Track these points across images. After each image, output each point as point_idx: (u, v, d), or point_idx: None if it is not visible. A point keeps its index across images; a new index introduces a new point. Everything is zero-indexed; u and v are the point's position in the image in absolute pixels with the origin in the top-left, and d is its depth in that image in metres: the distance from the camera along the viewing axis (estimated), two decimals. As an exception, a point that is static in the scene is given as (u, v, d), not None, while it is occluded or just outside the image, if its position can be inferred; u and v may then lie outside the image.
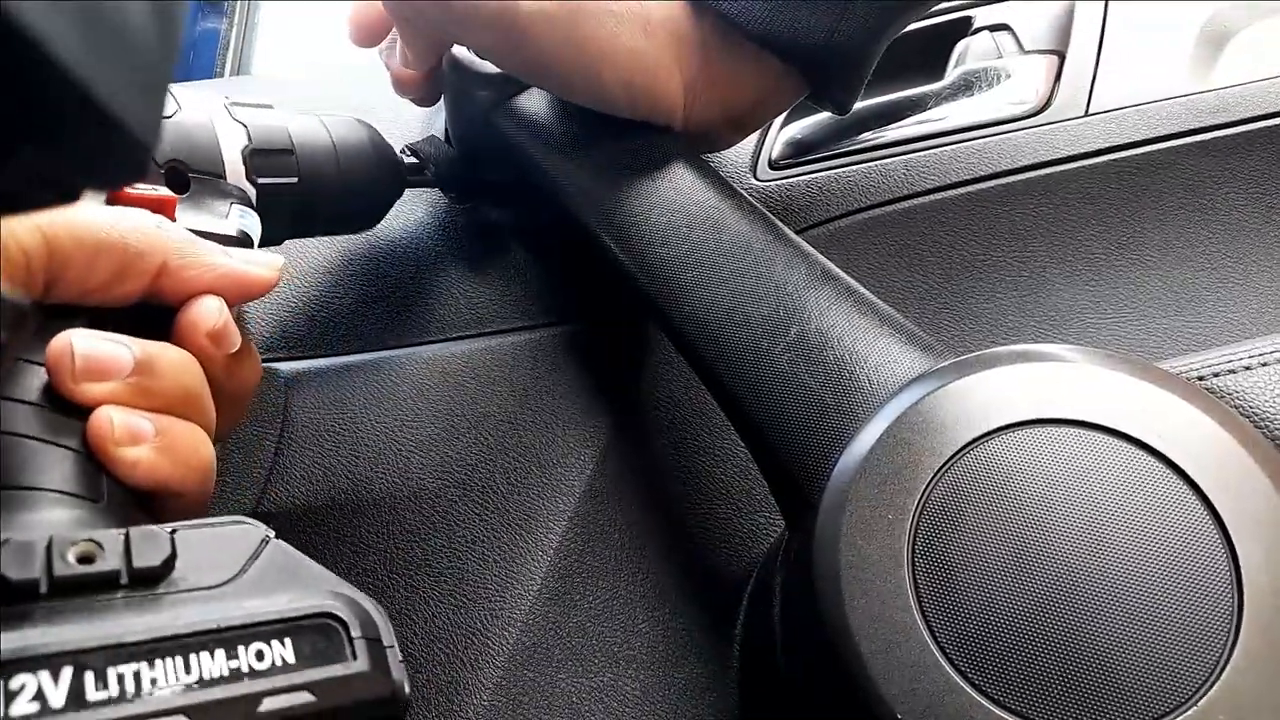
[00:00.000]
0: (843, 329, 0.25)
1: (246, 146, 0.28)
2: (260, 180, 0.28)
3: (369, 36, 0.33)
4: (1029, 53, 0.40)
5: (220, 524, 0.17)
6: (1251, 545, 0.20)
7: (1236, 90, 0.36)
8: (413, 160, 0.34)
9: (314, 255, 0.36)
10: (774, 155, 0.38)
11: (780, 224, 0.29)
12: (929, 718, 0.19)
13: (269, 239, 0.29)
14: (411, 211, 0.37)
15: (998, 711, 0.19)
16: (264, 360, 0.33)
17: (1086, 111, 0.37)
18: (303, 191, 0.29)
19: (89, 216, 0.20)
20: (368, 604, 0.16)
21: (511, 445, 0.33)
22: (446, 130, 0.36)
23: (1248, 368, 0.23)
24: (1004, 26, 0.41)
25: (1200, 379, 0.23)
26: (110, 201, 0.23)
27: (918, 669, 0.19)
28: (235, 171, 0.27)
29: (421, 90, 0.34)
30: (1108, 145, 0.36)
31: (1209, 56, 0.38)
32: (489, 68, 0.32)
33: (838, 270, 0.27)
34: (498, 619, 0.30)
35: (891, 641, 0.20)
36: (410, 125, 0.40)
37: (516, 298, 0.35)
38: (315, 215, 0.31)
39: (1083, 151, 0.36)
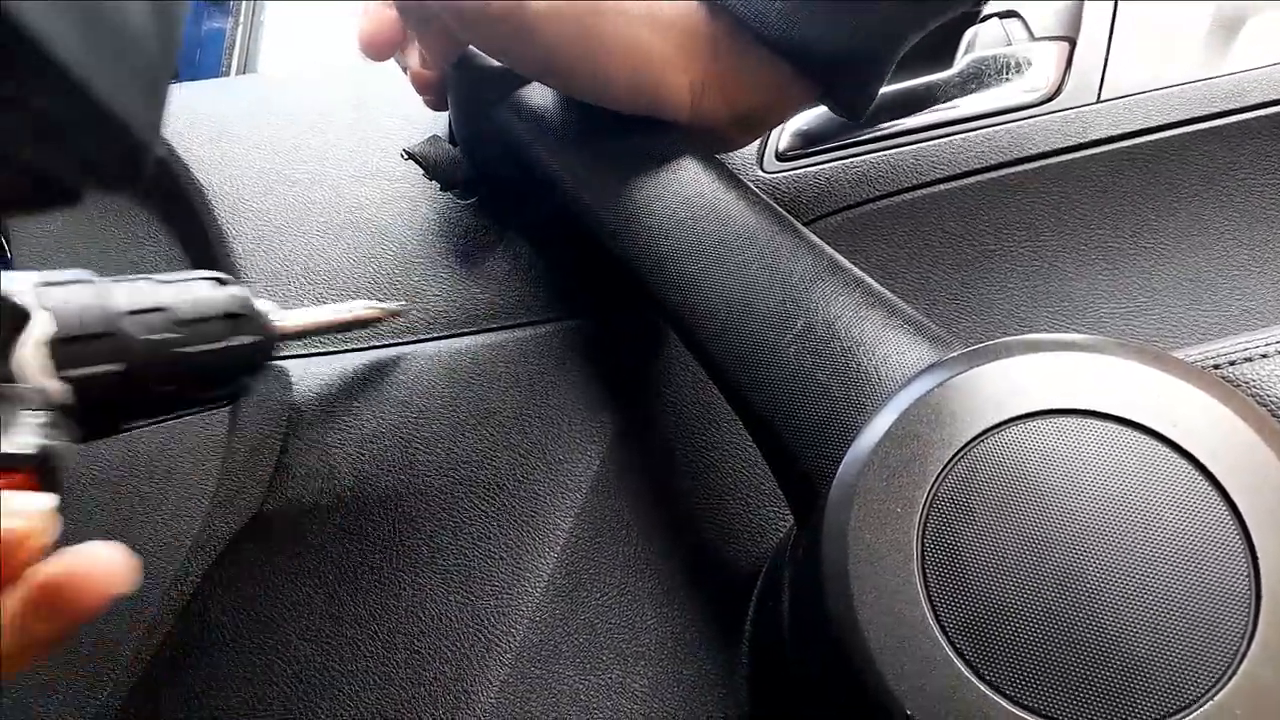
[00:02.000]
0: (850, 320, 0.25)
1: (52, 335, 0.23)
2: (74, 373, 0.23)
3: (379, 50, 0.32)
4: (1039, 39, 0.39)
5: None
6: (1269, 536, 0.19)
7: (1251, 75, 0.35)
8: (287, 326, 0.29)
9: (317, 254, 0.36)
10: (781, 147, 0.38)
11: (787, 215, 0.28)
12: (939, 712, 0.19)
13: (100, 432, 0.25)
14: (415, 207, 0.37)
15: (1009, 706, 0.19)
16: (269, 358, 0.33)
17: (1098, 98, 0.36)
18: (133, 377, 0.25)
19: None
20: None
21: (518, 441, 0.33)
22: (450, 126, 0.36)
23: (1264, 355, 0.22)
24: (1013, 13, 0.40)
25: (1216, 367, 0.23)
26: None
27: (927, 663, 0.19)
28: (29, 369, 0.23)
29: (439, 91, 0.34)
30: (1120, 132, 0.35)
31: (1223, 41, 0.37)
32: (490, 62, 0.32)
33: (845, 261, 0.27)
34: (505, 615, 0.30)
35: (901, 636, 0.20)
36: (416, 124, 0.40)
37: (521, 293, 0.35)
38: (155, 401, 0.26)
39: (1095, 139, 0.35)
